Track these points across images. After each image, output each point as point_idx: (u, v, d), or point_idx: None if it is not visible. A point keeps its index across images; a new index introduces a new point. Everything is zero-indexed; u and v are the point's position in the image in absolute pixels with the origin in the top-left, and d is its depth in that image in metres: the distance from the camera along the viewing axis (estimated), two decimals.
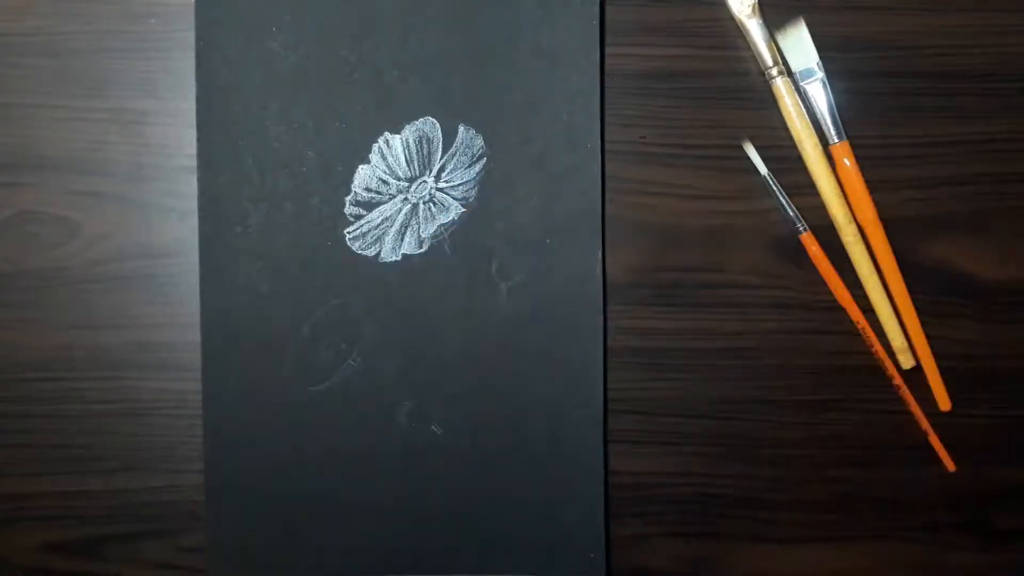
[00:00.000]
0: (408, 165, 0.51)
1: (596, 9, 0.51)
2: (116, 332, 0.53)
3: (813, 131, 0.53)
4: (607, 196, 0.53)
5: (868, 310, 0.55)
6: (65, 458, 0.54)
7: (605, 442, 0.54)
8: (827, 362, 0.55)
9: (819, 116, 0.53)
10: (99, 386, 0.54)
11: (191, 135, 0.52)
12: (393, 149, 0.51)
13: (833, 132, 0.53)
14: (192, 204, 0.52)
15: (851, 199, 0.54)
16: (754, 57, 0.53)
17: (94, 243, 0.53)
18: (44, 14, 0.52)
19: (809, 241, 0.54)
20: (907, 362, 0.55)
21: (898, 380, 0.55)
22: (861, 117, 0.54)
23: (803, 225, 0.54)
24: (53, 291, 0.53)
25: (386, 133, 0.51)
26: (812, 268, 0.54)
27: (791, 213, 0.53)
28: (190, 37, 0.51)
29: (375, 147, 0.51)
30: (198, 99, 0.51)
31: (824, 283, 0.54)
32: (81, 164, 0.52)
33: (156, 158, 0.53)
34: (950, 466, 0.56)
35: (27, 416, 0.54)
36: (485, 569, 0.54)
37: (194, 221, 0.52)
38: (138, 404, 0.54)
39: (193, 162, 0.52)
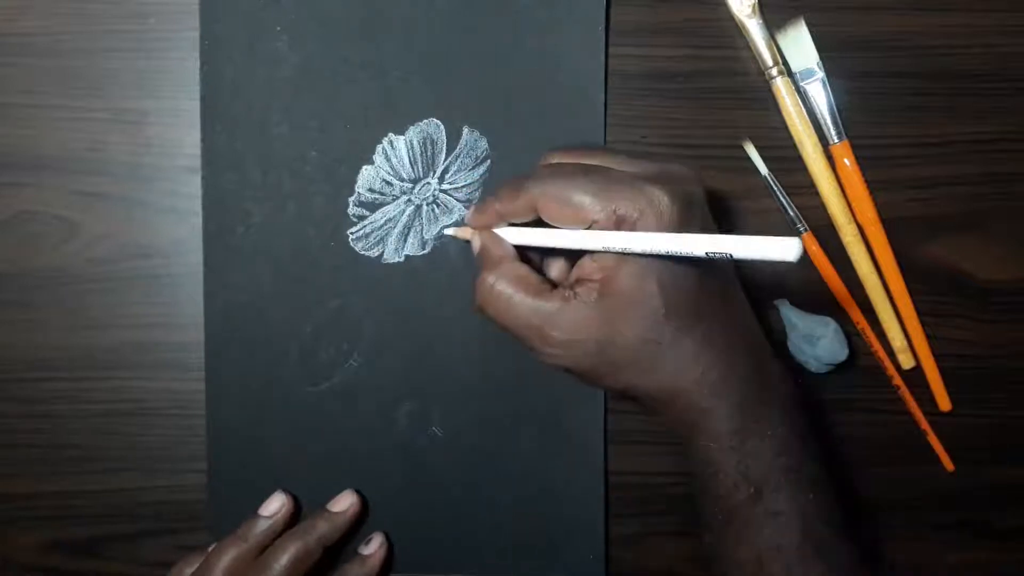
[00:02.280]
0: (412, 166, 0.51)
1: (601, 13, 0.51)
2: (116, 332, 0.53)
3: (813, 131, 0.53)
4: None
5: (868, 310, 0.55)
6: (65, 458, 0.54)
7: (605, 442, 0.54)
8: None
9: (819, 116, 0.53)
10: (99, 386, 0.54)
11: (191, 135, 0.52)
12: (397, 150, 0.51)
13: (833, 132, 0.53)
14: (192, 204, 0.52)
15: (851, 199, 0.54)
16: (754, 57, 0.53)
17: (94, 243, 0.53)
18: (44, 14, 0.52)
19: (809, 241, 0.54)
20: (907, 362, 0.55)
21: (898, 380, 0.55)
22: (861, 117, 0.54)
23: (803, 225, 0.54)
24: (53, 291, 0.53)
25: (390, 134, 0.51)
26: (812, 268, 0.54)
27: (791, 213, 0.53)
28: (190, 37, 0.51)
29: (379, 148, 0.51)
30: (202, 98, 0.51)
31: (824, 283, 0.54)
32: (81, 164, 0.52)
33: (156, 158, 0.53)
34: (949, 466, 0.56)
35: (27, 416, 0.53)
36: (485, 569, 0.54)
37: (194, 221, 0.52)
38: (138, 404, 0.54)
39: (193, 162, 0.52)
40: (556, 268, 0.47)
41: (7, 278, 0.53)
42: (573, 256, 0.43)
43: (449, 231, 0.51)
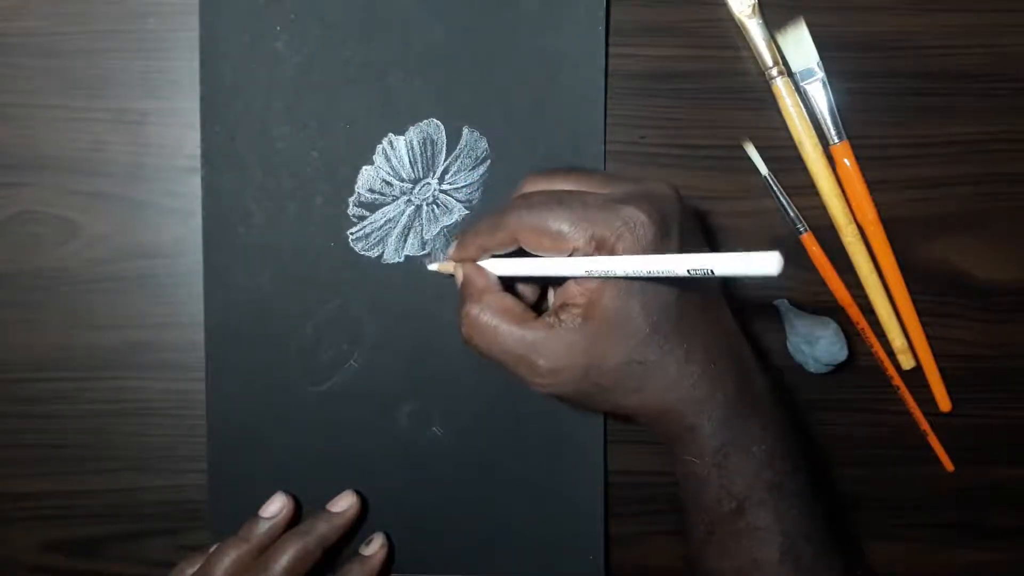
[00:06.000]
0: (412, 167, 0.51)
1: (602, 14, 0.51)
2: (116, 332, 0.53)
3: (813, 131, 0.53)
4: None
5: (868, 310, 0.55)
6: (65, 458, 0.54)
7: (605, 442, 0.54)
8: None
9: (819, 116, 0.53)
10: (99, 386, 0.54)
11: (191, 135, 0.52)
12: (397, 150, 0.51)
13: (833, 132, 0.53)
14: (192, 204, 0.52)
15: (851, 199, 0.54)
16: (754, 57, 0.53)
17: (94, 243, 0.53)
18: (43, 14, 0.52)
19: (809, 241, 0.54)
20: (907, 362, 0.55)
21: (898, 380, 0.55)
22: (861, 117, 0.54)
23: (803, 226, 0.54)
24: (53, 291, 0.53)
25: (390, 134, 0.51)
26: (812, 268, 0.54)
27: (791, 213, 0.53)
28: (190, 37, 0.51)
29: (379, 148, 0.51)
30: (202, 99, 0.51)
31: (824, 283, 0.54)
32: (81, 164, 0.52)
33: (156, 158, 0.53)
34: (949, 466, 0.56)
35: (27, 416, 0.53)
36: (485, 569, 0.54)
37: (194, 221, 0.52)
38: (138, 404, 0.54)
39: (193, 162, 0.52)
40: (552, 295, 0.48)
41: (7, 278, 0.53)
42: (562, 281, 0.43)
43: (432, 266, 0.51)
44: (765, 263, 0.31)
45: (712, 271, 0.34)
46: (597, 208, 0.40)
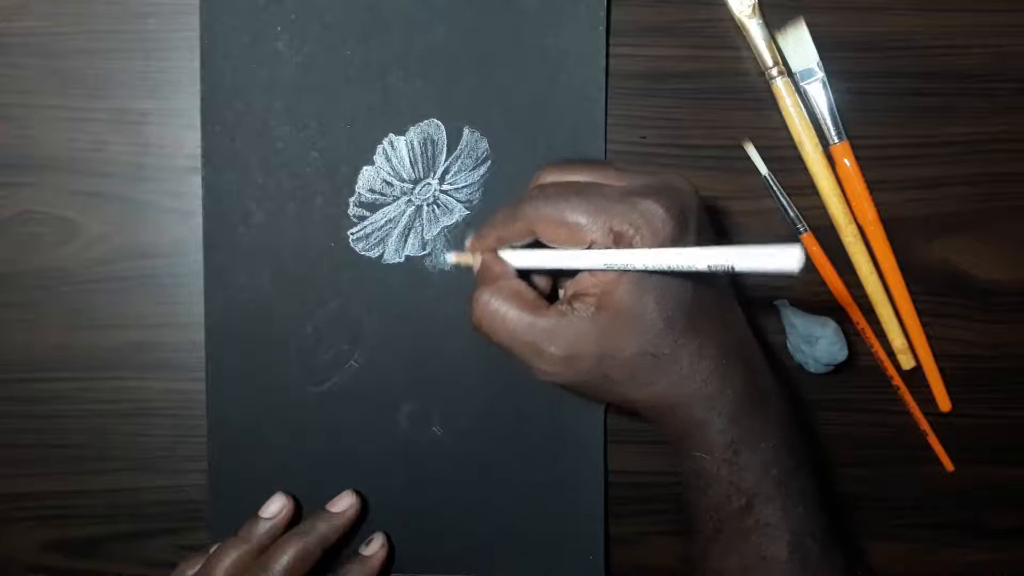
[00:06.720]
0: (412, 167, 0.51)
1: (603, 14, 0.51)
2: (116, 332, 0.53)
3: (813, 131, 0.53)
4: None
5: (868, 310, 0.55)
6: (65, 458, 0.54)
7: (605, 442, 0.54)
8: None
9: (819, 116, 0.53)
10: (99, 386, 0.54)
11: (191, 135, 0.52)
12: (398, 151, 0.51)
13: (833, 132, 0.53)
14: (192, 204, 0.52)
15: (851, 199, 0.54)
16: (754, 57, 0.53)
17: (94, 243, 0.53)
18: (43, 14, 0.52)
19: (809, 242, 0.54)
20: (907, 362, 0.55)
21: (898, 380, 0.55)
22: (861, 117, 0.54)
23: (803, 226, 0.54)
24: (53, 291, 0.53)
25: (391, 135, 0.51)
26: (812, 268, 0.54)
27: (791, 214, 0.53)
28: (190, 37, 0.51)
29: (380, 148, 0.51)
30: (202, 99, 0.51)
31: (824, 283, 0.54)
32: (81, 164, 0.52)
33: (156, 158, 0.53)
34: (949, 466, 0.56)
35: (27, 416, 0.53)
36: (485, 569, 0.54)
37: (194, 221, 0.52)
38: (138, 404, 0.54)
39: (193, 162, 0.52)
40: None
41: (7, 278, 0.53)
42: (574, 273, 0.43)
43: (451, 258, 0.51)
44: (786, 259, 0.31)
45: (733, 267, 0.34)
46: (615, 201, 0.40)
